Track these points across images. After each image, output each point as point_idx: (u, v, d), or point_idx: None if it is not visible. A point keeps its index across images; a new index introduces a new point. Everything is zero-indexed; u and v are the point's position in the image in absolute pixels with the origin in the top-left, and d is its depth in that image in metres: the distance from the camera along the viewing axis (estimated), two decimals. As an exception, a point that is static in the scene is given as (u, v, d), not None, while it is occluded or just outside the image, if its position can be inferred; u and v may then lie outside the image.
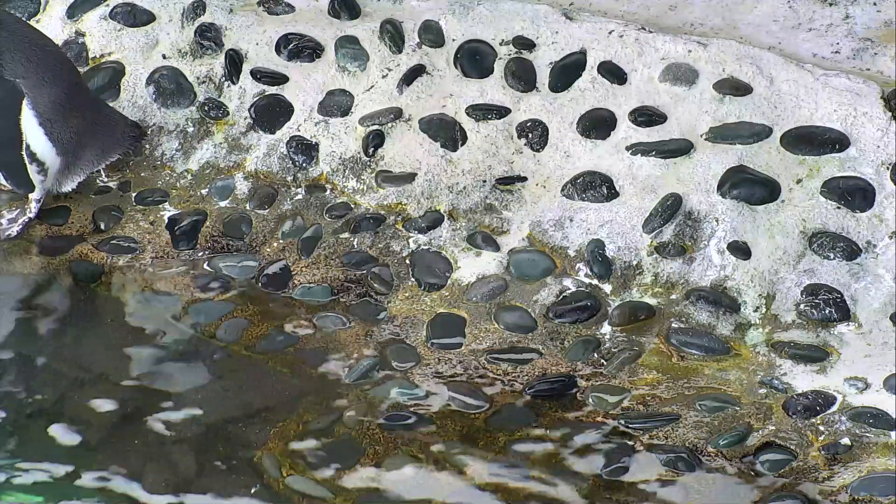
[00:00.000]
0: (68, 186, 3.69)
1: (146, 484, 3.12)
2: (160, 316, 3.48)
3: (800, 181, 3.47)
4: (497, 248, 3.53)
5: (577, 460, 3.16)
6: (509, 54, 3.70)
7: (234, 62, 3.79)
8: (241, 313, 3.48)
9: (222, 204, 3.69)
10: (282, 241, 3.61)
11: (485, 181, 3.61)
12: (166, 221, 3.66)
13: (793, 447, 3.17)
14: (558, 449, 3.18)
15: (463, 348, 3.39)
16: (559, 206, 3.54)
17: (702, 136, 3.54)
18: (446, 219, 3.58)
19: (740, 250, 3.42)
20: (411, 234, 3.58)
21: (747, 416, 3.22)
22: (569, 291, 3.45)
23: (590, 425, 3.23)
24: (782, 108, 3.54)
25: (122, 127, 3.73)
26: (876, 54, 3.69)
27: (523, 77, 3.68)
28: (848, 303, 3.36)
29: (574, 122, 3.61)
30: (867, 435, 3.17)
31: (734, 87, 3.56)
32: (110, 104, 3.77)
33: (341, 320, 3.45)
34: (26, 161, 3.59)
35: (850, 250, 3.40)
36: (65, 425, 3.22)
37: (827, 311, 3.35)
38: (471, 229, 3.56)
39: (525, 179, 3.60)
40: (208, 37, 3.82)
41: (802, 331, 3.35)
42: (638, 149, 3.54)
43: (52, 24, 3.88)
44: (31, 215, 3.67)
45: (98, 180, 3.75)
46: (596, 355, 3.36)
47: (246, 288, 3.53)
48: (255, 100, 3.77)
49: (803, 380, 3.28)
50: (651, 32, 3.67)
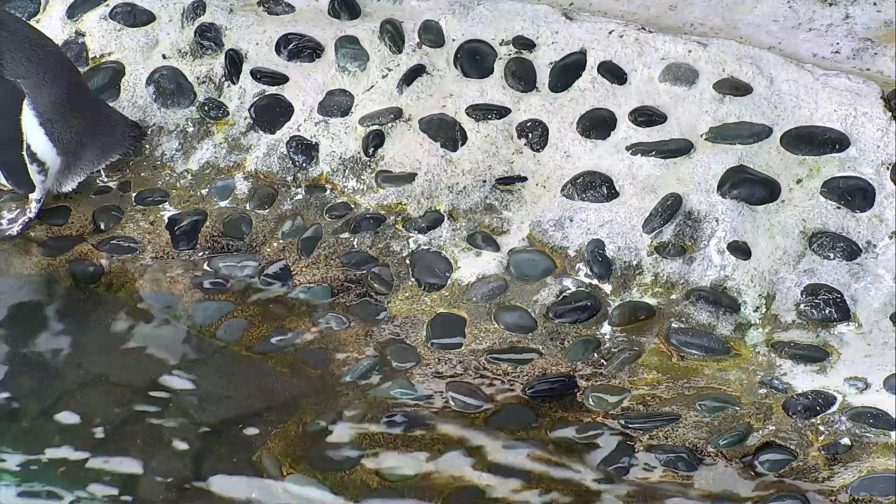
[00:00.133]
0: (68, 186, 3.69)
1: (146, 484, 3.12)
2: (160, 316, 3.48)
3: (800, 181, 3.47)
4: (497, 248, 3.53)
5: (576, 460, 3.16)
6: (509, 54, 3.70)
7: (234, 62, 3.79)
8: (241, 313, 3.47)
9: (222, 204, 3.68)
10: (282, 241, 3.61)
11: (485, 181, 3.61)
12: (166, 221, 3.65)
13: (793, 447, 3.16)
14: (558, 449, 3.18)
15: (463, 348, 3.39)
16: (559, 206, 3.54)
17: (702, 136, 3.53)
18: (446, 219, 3.58)
19: (740, 250, 3.42)
20: (411, 234, 3.58)
21: (747, 416, 3.22)
22: (569, 291, 3.45)
23: (590, 425, 3.23)
24: (782, 108, 3.53)
25: (123, 127, 3.73)
26: (876, 54, 3.69)
27: (523, 77, 3.68)
28: (848, 303, 3.36)
29: (574, 122, 3.61)
30: (867, 435, 3.16)
31: (734, 87, 3.56)
32: (110, 104, 3.77)
33: (341, 320, 3.45)
34: (27, 161, 3.59)
35: (850, 250, 3.40)
36: (65, 425, 3.22)
37: (827, 311, 3.35)
38: (471, 229, 3.56)
39: (525, 179, 3.60)
40: (208, 37, 3.82)
41: (802, 331, 3.35)
42: (638, 149, 3.54)
43: (52, 24, 3.88)
44: (31, 215, 3.67)
45: (98, 180, 3.75)
46: (596, 355, 3.36)
47: (246, 288, 3.53)
48: (255, 100, 3.77)
49: (803, 380, 3.27)
50: (651, 32, 3.67)
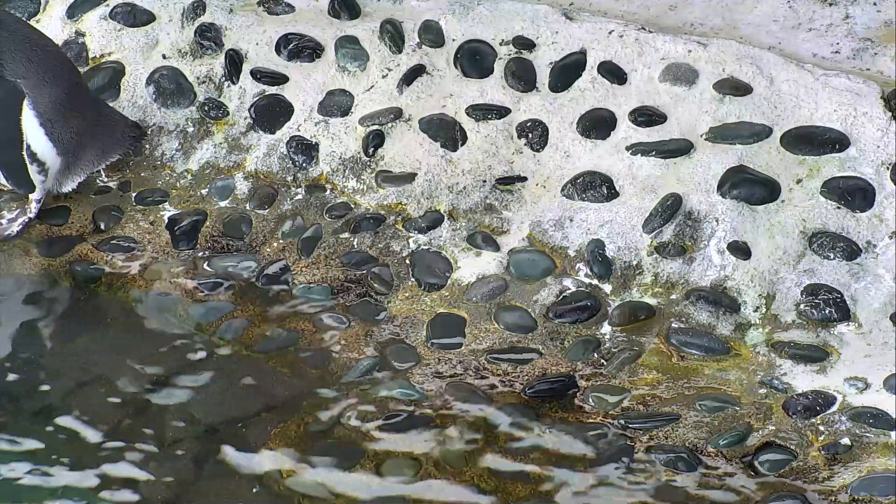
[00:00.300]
0: (68, 186, 3.70)
1: (146, 484, 3.11)
2: (160, 316, 3.48)
3: (800, 181, 3.47)
4: (497, 248, 3.53)
5: (577, 461, 3.16)
6: (509, 54, 3.70)
7: (234, 62, 3.79)
8: (241, 313, 3.47)
9: (222, 204, 3.69)
10: (282, 241, 3.61)
11: (485, 181, 3.61)
12: (166, 221, 3.65)
13: (793, 447, 3.16)
14: (558, 449, 3.18)
15: (463, 348, 3.39)
16: (559, 206, 3.54)
17: (702, 136, 3.53)
18: (446, 219, 3.58)
19: (740, 250, 3.42)
20: (411, 234, 3.58)
21: (747, 416, 3.22)
22: (569, 291, 3.45)
23: (590, 425, 3.23)
24: (782, 108, 3.53)
25: (123, 127, 3.73)
26: (876, 54, 3.69)
27: (523, 77, 3.68)
28: (848, 303, 3.36)
29: (574, 122, 3.61)
30: (867, 435, 3.16)
31: (734, 87, 3.56)
32: (110, 104, 3.77)
33: (341, 320, 3.45)
34: (27, 161, 3.59)
35: (850, 250, 3.40)
36: (64, 425, 3.22)
37: (827, 311, 3.35)
38: (471, 229, 3.56)
39: (525, 179, 3.60)
40: (208, 37, 3.82)
41: (802, 331, 3.35)
42: (638, 149, 3.54)
43: (52, 24, 3.88)
44: (31, 215, 3.67)
45: (98, 180, 3.75)
46: (596, 355, 3.36)
47: (246, 288, 3.53)
48: (255, 100, 3.77)
49: (803, 380, 3.27)
50: (651, 32, 3.67)
